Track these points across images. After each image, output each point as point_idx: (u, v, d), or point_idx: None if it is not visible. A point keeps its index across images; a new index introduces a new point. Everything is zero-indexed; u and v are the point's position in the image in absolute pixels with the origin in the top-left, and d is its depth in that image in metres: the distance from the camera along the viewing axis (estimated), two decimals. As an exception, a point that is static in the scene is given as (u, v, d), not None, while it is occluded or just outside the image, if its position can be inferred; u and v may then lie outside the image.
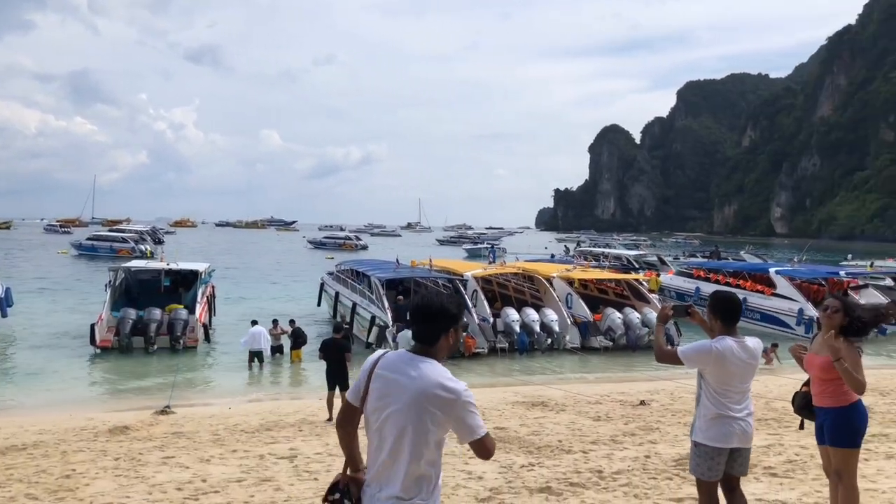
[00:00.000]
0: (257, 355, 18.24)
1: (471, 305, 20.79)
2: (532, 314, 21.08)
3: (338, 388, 12.00)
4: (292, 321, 19.97)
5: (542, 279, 23.76)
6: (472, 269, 25.70)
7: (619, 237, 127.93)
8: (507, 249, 56.20)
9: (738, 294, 7.31)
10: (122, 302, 21.89)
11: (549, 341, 20.67)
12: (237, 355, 19.02)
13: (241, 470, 8.17)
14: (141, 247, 60.59)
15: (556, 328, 20.80)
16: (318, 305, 28.34)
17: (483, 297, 21.92)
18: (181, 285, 24.11)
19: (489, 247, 66.22)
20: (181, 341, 19.75)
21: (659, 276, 32.64)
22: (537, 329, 20.62)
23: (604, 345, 21.19)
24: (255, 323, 18.88)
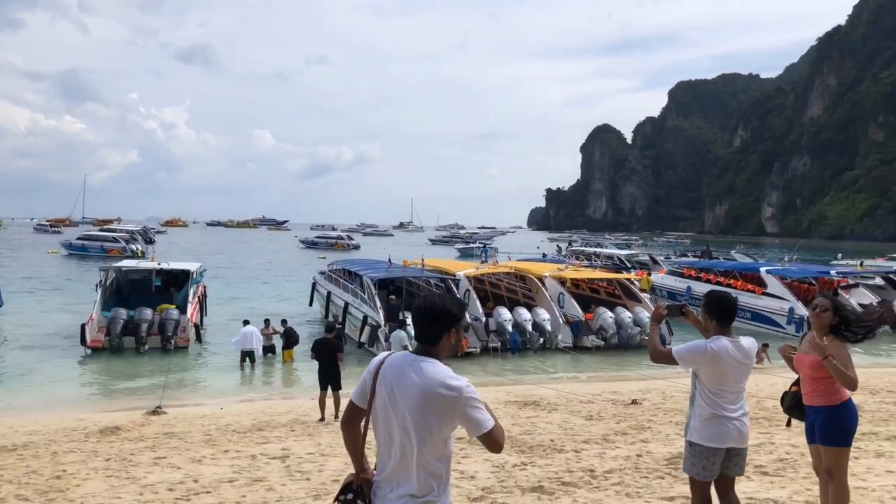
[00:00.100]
0: (249, 355, 18.20)
1: (463, 305, 20.78)
2: (524, 313, 21.11)
3: (330, 388, 12.01)
4: (284, 321, 19.94)
5: (534, 279, 23.80)
6: (464, 268, 25.70)
7: (611, 237, 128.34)
8: (498, 249, 56.25)
9: (729, 293, 7.33)
10: (112, 302, 21.80)
11: (542, 341, 20.70)
12: (229, 355, 18.98)
13: (233, 470, 8.15)
14: (132, 246, 60.25)
15: (549, 327, 20.83)
16: (310, 305, 28.28)
17: (475, 296, 21.92)
18: (172, 285, 24.04)
19: (481, 246, 66.31)
20: (172, 341, 19.68)
21: (650, 275, 32.74)
22: (529, 328, 20.64)
23: (595, 344, 21.24)
24: (246, 323, 18.84)
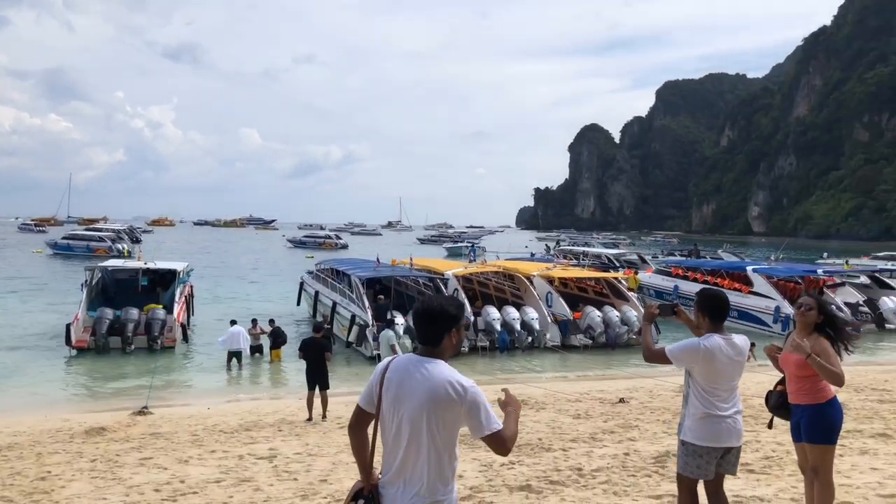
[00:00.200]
0: (236, 355, 18.12)
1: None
2: (513, 312, 21.14)
3: (318, 388, 11.97)
4: (272, 321, 19.88)
5: (522, 278, 23.83)
6: (453, 267, 25.71)
7: (599, 236, 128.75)
8: (486, 248, 56.26)
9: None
10: (98, 302, 21.64)
11: (530, 339, 20.74)
12: (216, 355, 18.88)
13: (220, 470, 8.11)
14: (118, 246, 59.91)
15: (537, 326, 20.88)
16: (298, 305, 28.20)
17: (464, 295, 21.93)
18: (159, 285, 23.90)
19: (469, 245, 66.30)
20: (159, 341, 19.57)
21: (636, 273, 32.85)
22: (518, 327, 20.68)
23: (583, 343, 21.29)
24: (234, 323, 18.76)
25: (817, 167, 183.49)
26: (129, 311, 19.99)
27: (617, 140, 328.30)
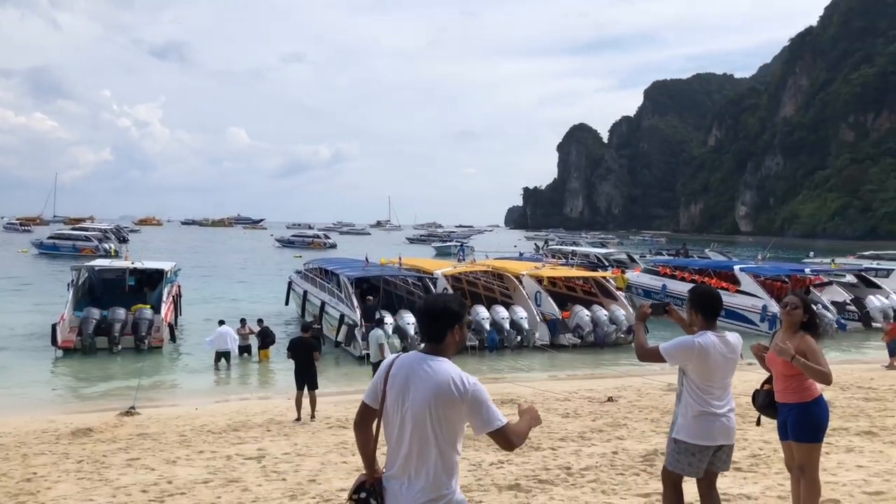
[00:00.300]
0: (224, 355, 18.05)
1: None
2: (502, 312, 21.17)
3: (306, 388, 11.94)
4: (260, 321, 19.82)
5: (511, 277, 23.87)
6: (442, 267, 25.71)
7: (587, 235, 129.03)
8: (474, 248, 56.28)
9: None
10: (85, 302, 21.50)
11: (519, 339, 20.77)
12: (204, 355, 18.80)
13: (208, 471, 8.08)
14: (105, 245, 59.57)
15: (526, 326, 20.92)
16: (286, 304, 28.12)
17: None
18: (146, 285, 23.78)
19: (458, 245, 66.30)
20: (146, 341, 19.46)
21: (624, 272, 32.96)
22: (507, 326, 20.71)
23: (572, 342, 21.35)
24: (222, 323, 18.69)
25: (804, 167, 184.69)
26: (116, 311, 19.86)
27: (605, 140, 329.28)
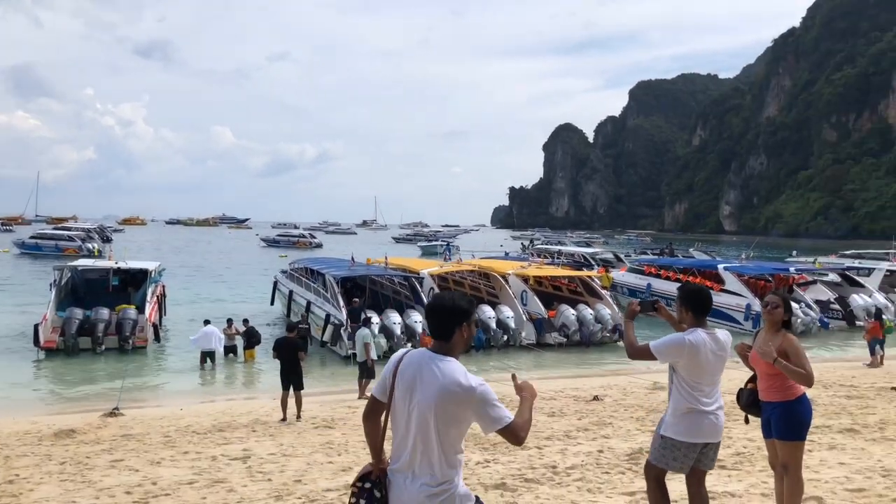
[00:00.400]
0: (209, 355, 17.96)
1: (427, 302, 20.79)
2: (488, 311, 21.17)
3: (292, 388, 11.90)
4: (246, 320, 19.71)
5: (497, 276, 23.90)
6: (428, 266, 25.70)
7: (573, 235, 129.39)
8: (460, 247, 56.30)
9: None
10: (68, 302, 21.29)
11: (505, 338, 20.80)
12: (188, 356, 18.70)
13: (193, 472, 8.03)
14: (88, 245, 59.04)
15: (512, 325, 20.94)
16: (272, 304, 28.01)
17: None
18: (130, 284, 23.59)
19: (444, 244, 66.29)
20: (130, 341, 19.30)
21: (608, 271, 33.08)
22: (493, 326, 20.72)
23: (558, 341, 21.41)
24: (207, 322, 18.59)
25: (787, 167, 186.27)
26: (99, 311, 19.68)
27: (591, 139, 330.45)
